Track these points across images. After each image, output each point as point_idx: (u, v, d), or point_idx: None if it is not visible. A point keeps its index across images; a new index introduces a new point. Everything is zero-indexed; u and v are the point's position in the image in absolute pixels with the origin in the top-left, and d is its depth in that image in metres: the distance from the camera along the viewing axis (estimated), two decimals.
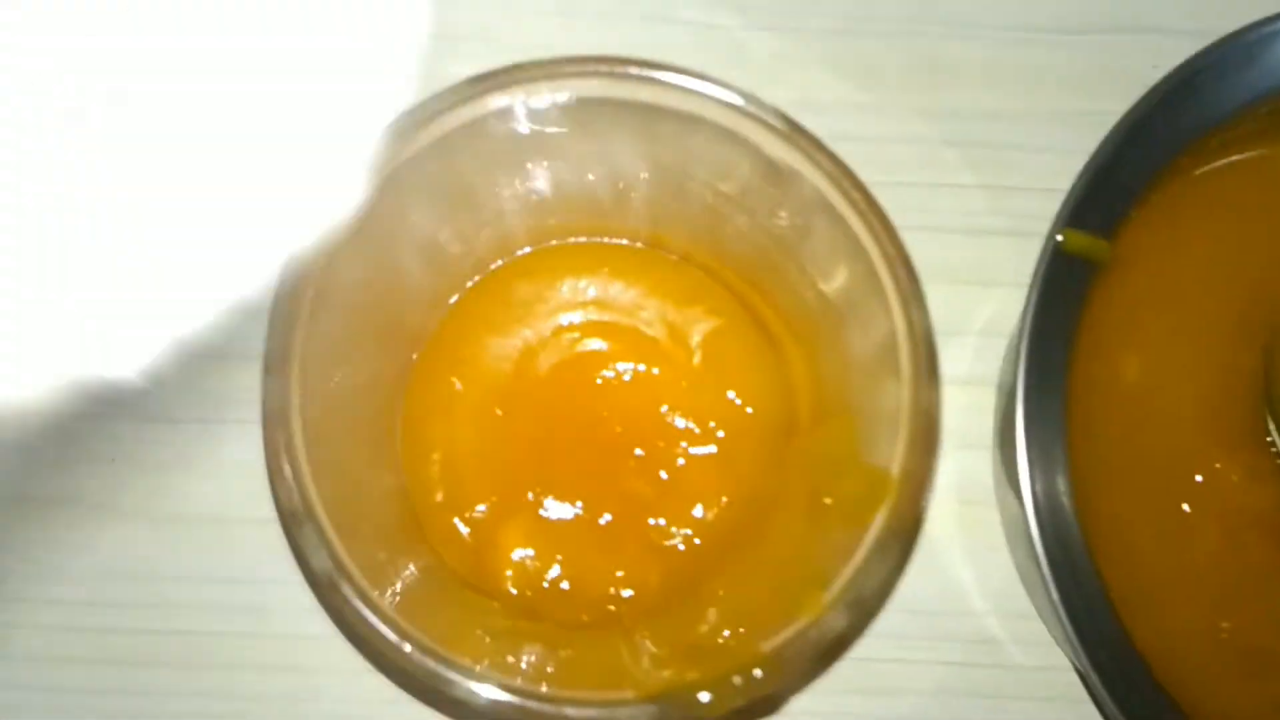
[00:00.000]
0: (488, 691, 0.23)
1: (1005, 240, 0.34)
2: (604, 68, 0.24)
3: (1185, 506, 0.29)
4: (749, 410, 0.30)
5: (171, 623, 0.32)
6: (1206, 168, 0.30)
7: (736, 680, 0.23)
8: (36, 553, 0.32)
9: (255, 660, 0.32)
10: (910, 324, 0.24)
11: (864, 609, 0.23)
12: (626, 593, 0.29)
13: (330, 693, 0.32)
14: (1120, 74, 0.35)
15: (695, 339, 0.30)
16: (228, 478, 0.33)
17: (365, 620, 0.23)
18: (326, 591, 0.23)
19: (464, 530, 0.30)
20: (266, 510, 0.31)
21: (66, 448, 0.33)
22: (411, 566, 0.27)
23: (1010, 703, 0.32)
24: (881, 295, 0.24)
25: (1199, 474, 0.29)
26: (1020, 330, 0.28)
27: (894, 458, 0.24)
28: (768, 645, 0.23)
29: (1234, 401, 0.30)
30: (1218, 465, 0.30)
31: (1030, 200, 0.34)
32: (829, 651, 0.30)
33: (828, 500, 0.26)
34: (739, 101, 0.24)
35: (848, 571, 0.23)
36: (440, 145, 0.25)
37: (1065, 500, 0.27)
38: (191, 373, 0.33)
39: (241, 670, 0.32)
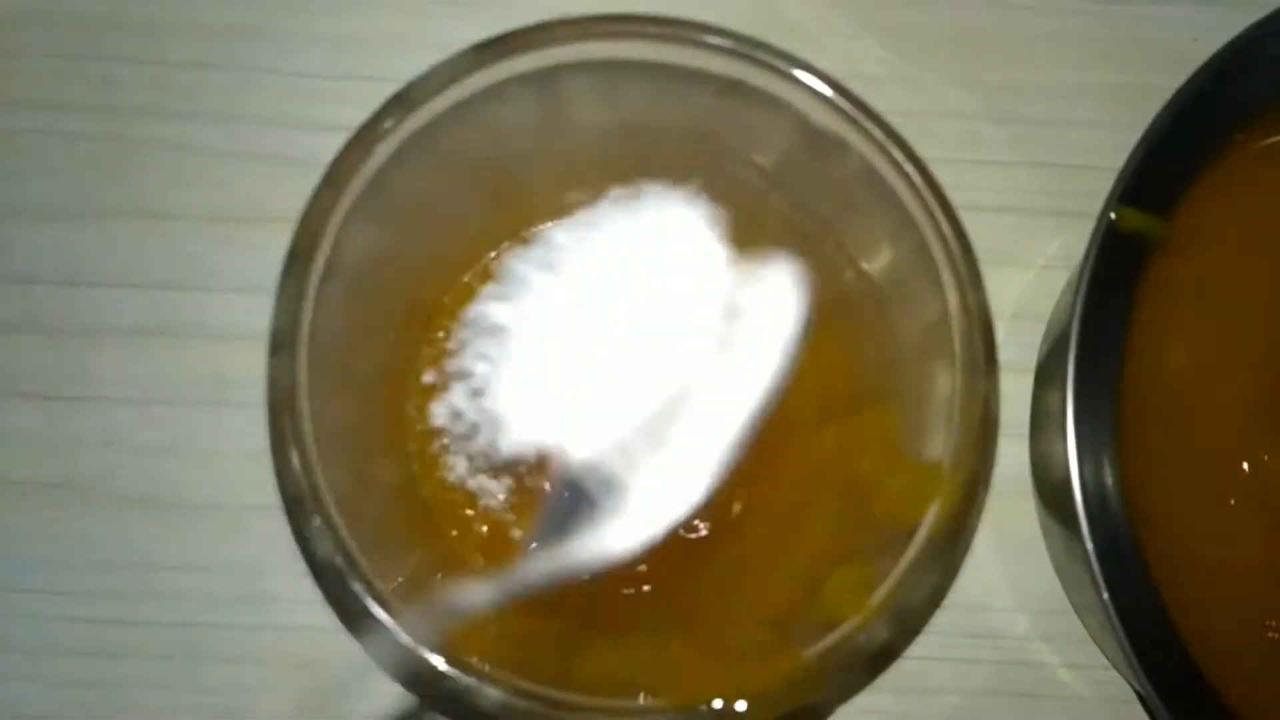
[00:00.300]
0: (501, 697, 0.21)
1: (1038, 220, 0.33)
2: (631, 28, 0.22)
3: (1231, 500, 0.28)
4: (779, 395, 0.28)
5: (169, 614, 0.31)
6: (1264, 142, 0.28)
7: (777, 690, 0.21)
8: (30, 541, 0.31)
9: (256, 653, 0.31)
10: (966, 306, 0.22)
11: (913, 615, 0.21)
12: (648, 587, 0.28)
13: (336, 688, 0.30)
14: (1160, 46, 0.34)
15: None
16: (228, 463, 0.32)
17: (373, 616, 0.22)
18: (333, 585, 0.22)
19: (477, 520, 0.28)
20: (268, 497, 0.30)
21: (60, 431, 0.32)
22: (423, 558, 0.26)
23: (1047, 703, 0.31)
24: (933, 275, 0.22)
25: (1246, 464, 0.28)
26: (1069, 314, 0.27)
27: (946, 451, 0.22)
28: (809, 651, 0.21)
29: None
30: (1266, 457, 0.28)
31: (1068, 178, 0.33)
32: (874, 661, 0.29)
33: (869, 495, 0.25)
34: (782, 65, 0.23)
35: (896, 574, 0.21)
36: (455, 113, 0.23)
37: (1114, 493, 0.26)
38: (190, 353, 0.32)
39: (242, 664, 0.31)
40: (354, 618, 0.23)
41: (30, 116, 0.33)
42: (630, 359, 0.29)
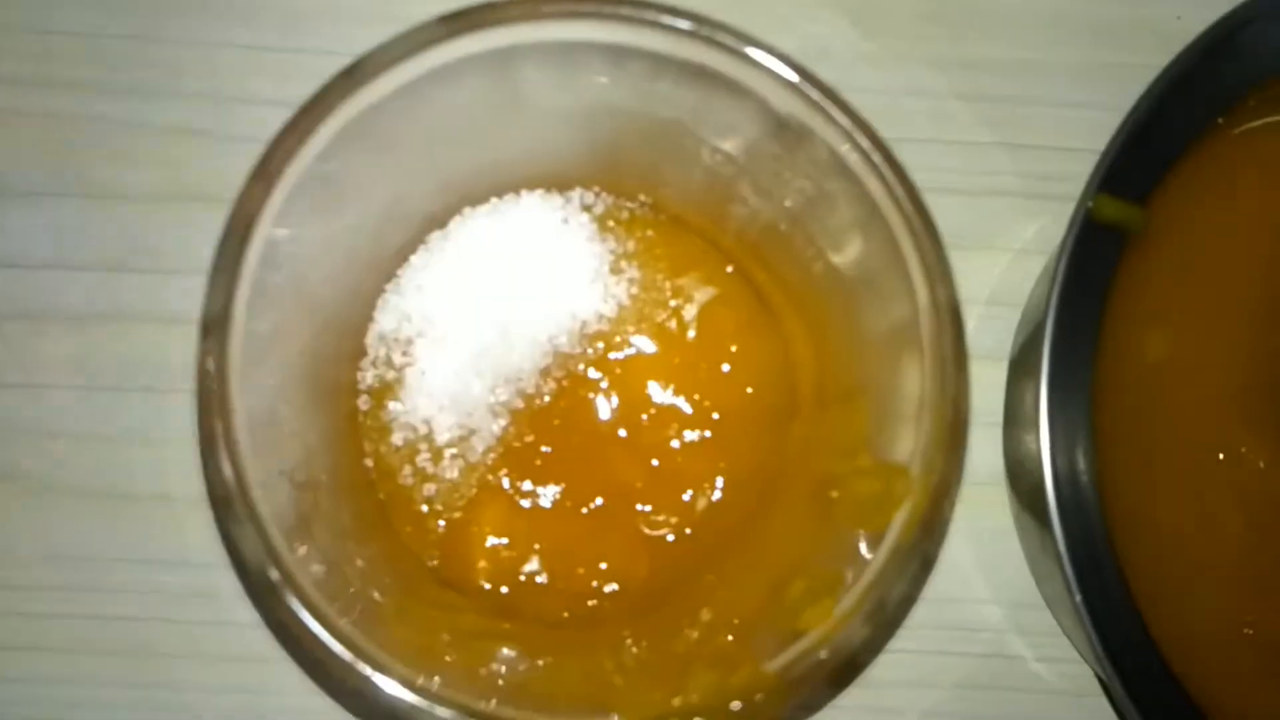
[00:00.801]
0: (451, 717, 0.20)
1: (1013, 202, 0.33)
2: (591, 7, 0.21)
3: (1209, 493, 0.28)
4: (747, 390, 0.28)
5: (116, 608, 0.30)
6: (1245, 127, 0.28)
7: (736, 706, 0.20)
8: None
9: (205, 650, 0.30)
10: (936, 304, 0.21)
11: (880, 626, 0.20)
12: (611, 586, 0.27)
13: (287, 685, 0.30)
14: (1141, 24, 0.33)
15: (689, 310, 0.28)
16: (176, 453, 0.30)
17: (308, 630, 0.20)
18: (265, 597, 0.21)
19: (432, 516, 0.27)
20: None
21: (3, 419, 0.31)
22: (373, 560, 0.25)
23: (1019, 697, 0.31)
24: (902, 269, 0.22)
25: (1223, 456, 0.28)
26: (1045, 303, 0.26)
27: (915, 452, 0.21)
28: (771, 664, 0.21)
29: (1263, 383, 0.28)
30: (1243, 449, 0.28)
31: (1045, 160, 0.33)
32: (840, 673, 0.28)
33: (835, 495, 0.24)
34: (744, 48, 0.22)
35: (863, 582, 0.21)
36: (405, 92, 0.22)
37: (1087, 485, 0.26)
38: (137, 338, 0.31)
39: (191, 660, 0.30)
40: (289, 635, 0.22)
41: None
42: (563, 351, 0.28)
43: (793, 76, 0.21)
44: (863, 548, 0.22)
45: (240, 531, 0.21)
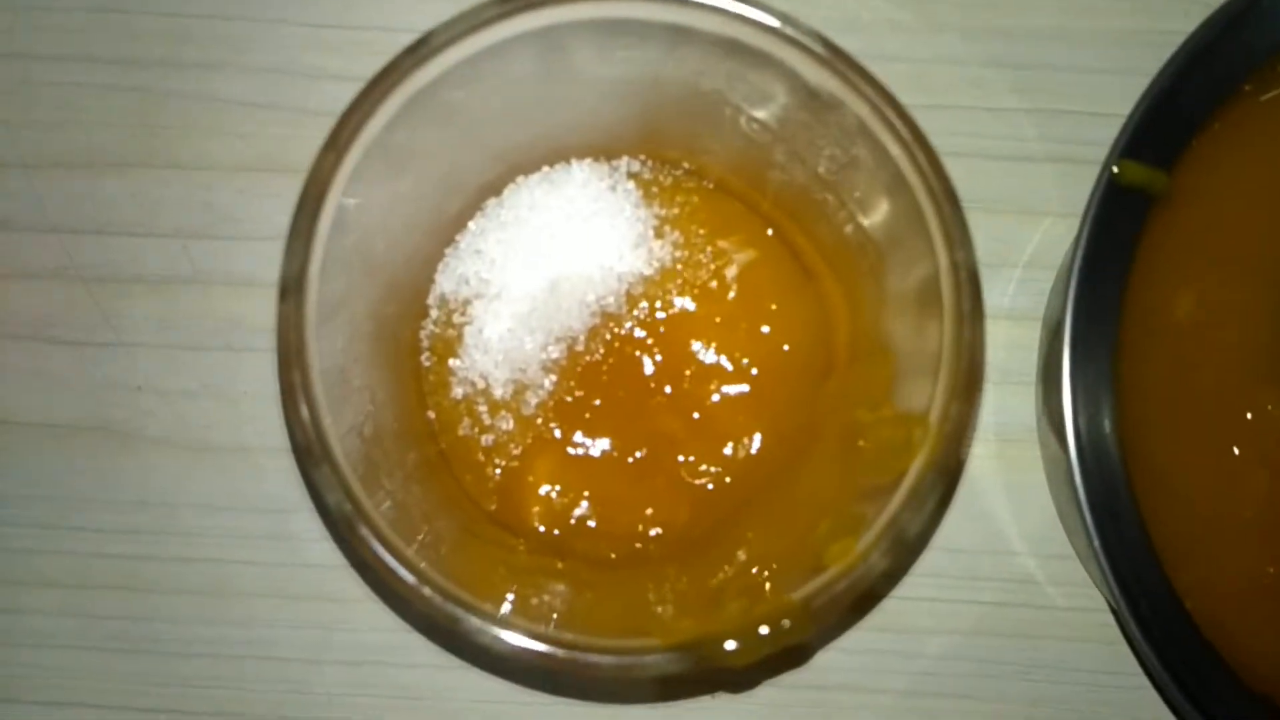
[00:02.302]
0: (509, 637, 0.22)
1: (1052, 167, 0.33)
2: None
3: (1234, 449, 0.28)
4: (784, 347, 0.29)
5: (197, 551, 0.32)
6: (1271, 93, 0.28)
7: (764, 630, 0.22)
8: (62, 480, 0.32)
9: (280, 589, 0.32)
10: (954, 264, 0.22)
11: (897, 560, 0.22)
12: (654, 531, 0.28)
13: (357, 622, 0.32)
14: None
15: (730, 271, 0.29)
16: (253, 406, 0.32)
17: (383, 562, 0.22)
18: (343, 532, 0.23)
19: (490, 465, 0.29)
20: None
21: (92, 375, 0.33)
22: (436, 503, 0.26)
23: (1045, 643, 0.32)
24: (925, 232, 0.23)
25: (1250, 414, 0.28)
26: (1070, 265, 0.27)
27: (933, 402, 0.23)
28: (797, 594, 0.22)
29: None
30: (1269, 407, 0.28)
31: (1079, 125, 0.33)
32: (859, 603, 0.30)
33: (862, 443, 0.25)
34: (776, 24, 0.23)
35: (881, 521, 0.22)
36: (464, 67, 0.24)
37: (1110, 442, 0.27)
38: (215, 300, 0.33)
39: (267, 599, 0.32)
40: (366, 566, 0.24)
41: (62, 69, 0.33)
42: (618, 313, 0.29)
43: (821, 50, 0.23)
44: (885, 490, 0.23)
45: (320, 474, 0.23)
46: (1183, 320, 0.28)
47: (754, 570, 0.25)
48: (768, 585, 0.24)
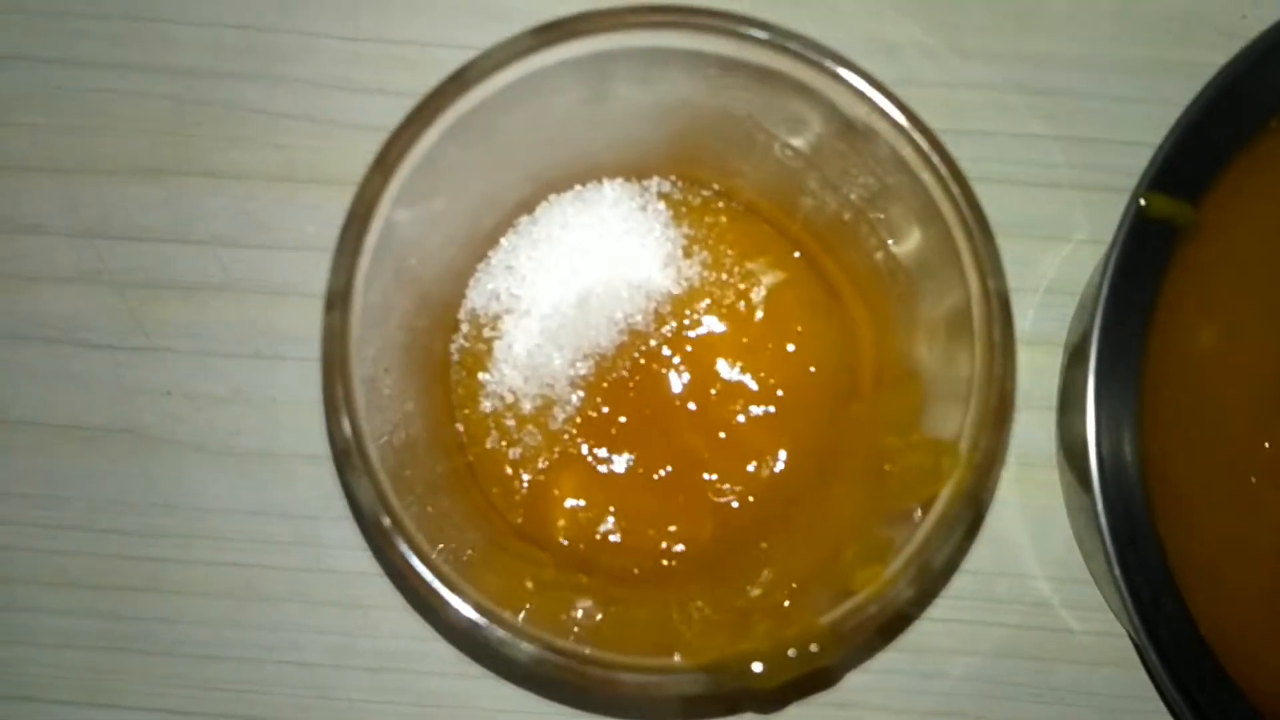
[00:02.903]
0: (535, 650, 0.23)
1: (1075, 194, 0.33)
2: (673, 18, 0.23)
3: (1253, 478, 0.28)
4: (810, 369, 0.29)
5: (224, 555, 0.32)
6: None
7: (792, 652, 0.22)
8: (89, 482, 0.32)
9: (307, 595, 0.32)
10: (986, 294, 0.23)
11: (926, 586, 0.22)
12: (679, 548, 0.29)
13: (382, 629, 0.32)
14: (1206, 21, 0.34)
15: (757, 293, 0.29)
16: (281, 414, 0.33)
17: (416, 572, 0.23)
18: (378, 540, 0.23)
19: (516, 478, 0.29)
20: (319, 447, 0.32)
21: (125, 380, 0.33)
22: (463, 514, 0.27)
23: (1062, 667, 0.32)
24: (957, 262, 0.23)
25: (1269, 444, 0.28)
26: (1095, 294, 0.27)
27: (963, 431, 0.23)
28: (826, 618, 0.23)
29: None
30: None
31: (1102, 152, 0.33)
32: (888, 627, 0.30)
33: (889, 468, 0.25)
34: (814, 56, 0.23)
35: (911, 547, 0.22)
36: (504, 93, 0.24)
37: (1131, 469, 0.27)
38: (247, 308, 0.33)
39: (293, 604, 0.32)
40: (398, 574, 0.24)
41: (97, 76, 0.33)
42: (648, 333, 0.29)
43: (858, 82, 0.23)
44: (913, 516, 0.23)
45: (358, 482, 0.23)
46: (1204, 351, 0.29)
47: (780, 591, 0.25)
48: (791, 604, 0.24)
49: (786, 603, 0.24)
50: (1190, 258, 0.28)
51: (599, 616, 0.25)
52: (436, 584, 0.23)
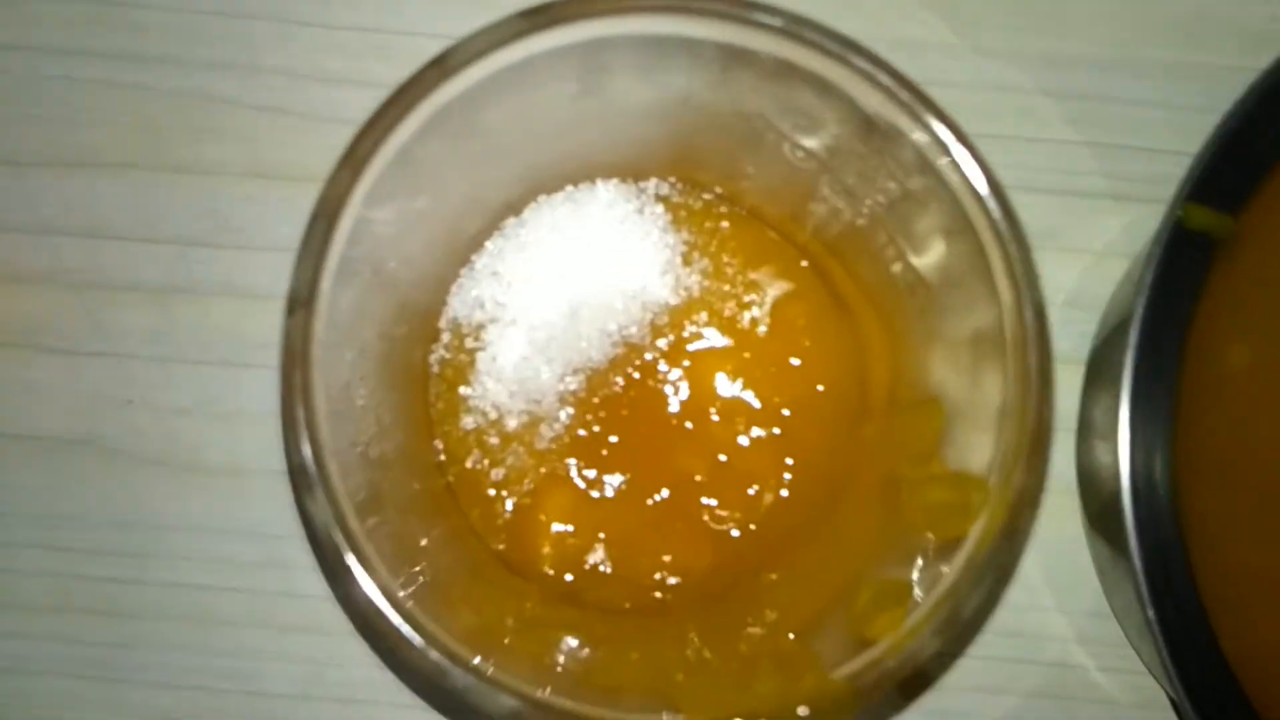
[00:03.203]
0: (510, 702, 0.20)
1: (1093, 203, 0.32)
2: (677, 2, 0.21)
3: None
4: (818, 388, 0.27)
5: (185, 576, 0.31)
6: None
7: (803, 711, 0.20)
8: (43, 496, 0.31)
9: (270, 620, 0.31)
10: (1021, 312, 0.21)
11: (954, 638, 0.20)
12: (674, 579, 0.27)
13: (349, 657, 0.30)
14: (1233, 25, 0.32)
15: (762, 305, 0.28)
16: (250, 426, 0.31)
17: (372, 604, 0.21)
18: (332, 567, 0.21)
19: (499, 501, 0.27)
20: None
21: (82, 387, 0.31)
22: (439, 540, 0.25)
23: (1076, 704, 0.31)
24: (987, 274, 0.21)
25: None
26: (1127, 312, 0.25)
27: (994, 463, 0.21)
28: (840, 671, 0.21)
29: None
30: None
31: (1126, 160, 0.32)
32: (910, 684, 0.28)
33: (907, 501, 0.24)
34: (835, 46, 0.21)
35: (937, 593, 0.20)
36: (489, 83, 0.22)
37: (1163, 500, 0.25)
38: (214, 312, 0.31)
39: (256, 629, 0.31)
40: (354, 606, 0.22)
41: (58, 63, 0.32)
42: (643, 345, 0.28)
43: (884, 77, 0.21)
44: (936, 557, 0.21)
45: (314, 502, 0.21)
46: (1241, 371, 0.27)
47: (785, 631, 0.23)
48: (799, 650, 0.22)
49: (794, 644, 0.22)
50: (1225, 274, 0.26)
51: (586, 657, 0.23)
52: (395, 618, 0.20)
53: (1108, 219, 0.32)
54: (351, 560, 0.21)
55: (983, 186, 0.21)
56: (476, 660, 0.20)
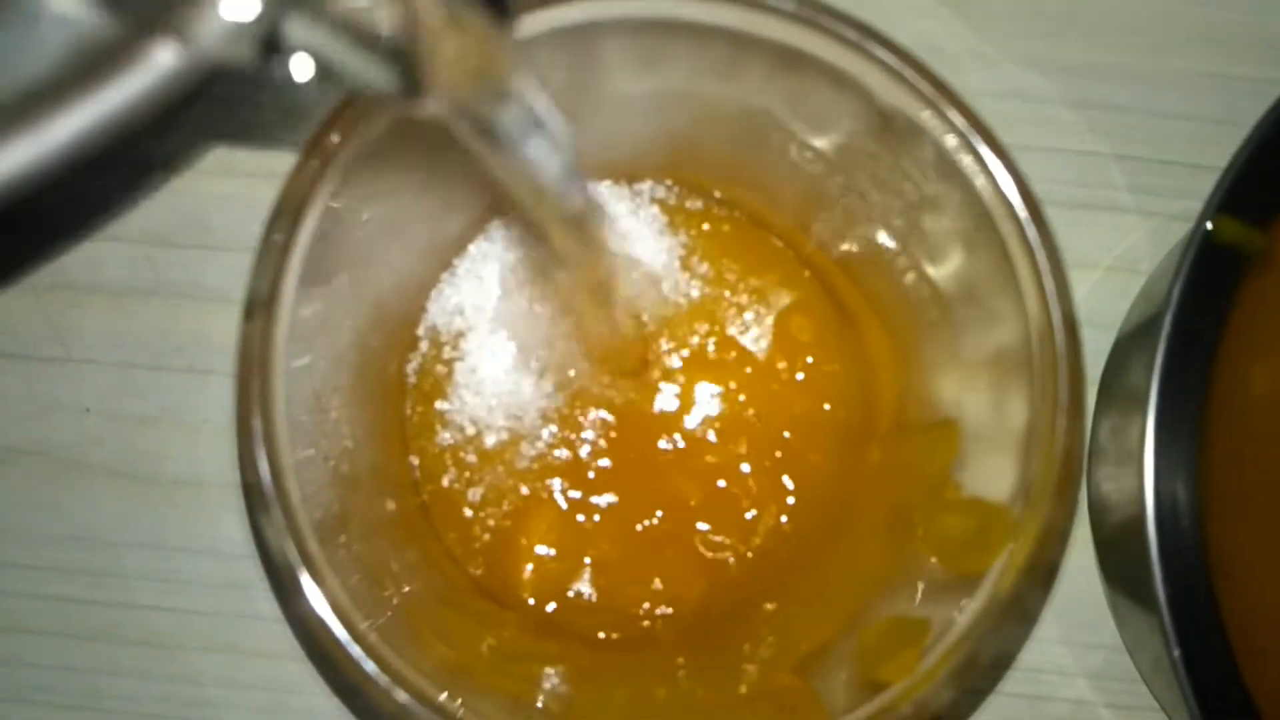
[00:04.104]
0: None
1: (1105, 216, 0.31)
2: None
3: None
4: (822, 406, 0.26)
5: (142, 596, 0.29)
6: None
7: None
8: (2, 510, 0.29)
9: (233, 644, 0.29)
10: (1051, 326, 0.19)
11: (976, 679, 0.18)
12: (664, 609, 0.25)
13: (316, 685, 0.29)
14: (1254, 35, 0.31)
15: (762, 316, 0.26)
16: (214, 437, 0.30)
17: (331, 634, 0.19)
18: (289, 593, 0.19)
19: (477, 523, 0.26)
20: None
21: (35, 393, 0.30)
22: (411, 565, 0.23)
23: None
24: (1013, 286, 0.20)
25: None
26: (1150, 331, 0.24)
27: (1018, 492, 0.19)
28: (848, 718, 0.19)
29: None
30: None
31: (1141, 172, 0.31)
32: None
33: (920, 531, 0.22)
34: (851, 34, 0.20)
35: (955, 633, 0.19)
36: None
37: (1188, 531, 0.24)
38: (180, 316, 0.30)
39: (217, 654, 0.29)
40: (312, 638, 0.20)
41: None
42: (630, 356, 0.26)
43: (906, 69, 0.19)
44: (950, 593, 0.20)
45: (269, 523, 0.19)
46: (1266, 395, 0.26)
47: (784, 669, 0.21)
48: (800, 692, 0.20)
49: (794, 684, 0.21)
50: (1251, 291, 0.25)
51: (567, 694, 0.21)
52: (356, 652, 0.19)
53: (1118, 233, 0.31)
54: (308, 586, 0.19)
55: (1011, 191, 0.19)
56: (444, 698, 0.19)
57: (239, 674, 0.29)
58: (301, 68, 0.15)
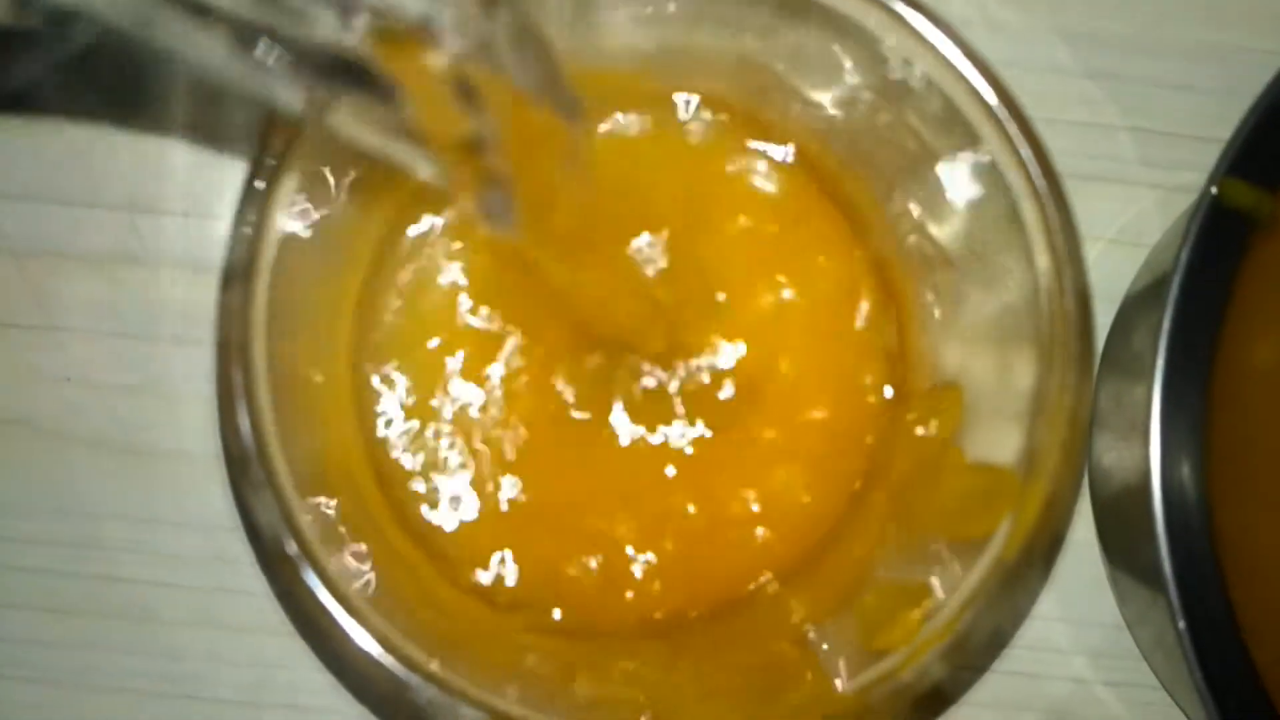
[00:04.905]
0: (475, 715, 0.18)
1: (1108, 187, 0.30)
2: None
3: None
4: (825, 381, 0.25)
5: (124, 569, 0.29)
6: None
7: None
8: None
9: (218, 619, 0.29)
10: (1061, 286, 0.19)
11: (977, 650, 0.18)
12: (673, 598, 0.24)
13: (302, 661, 0.28)
14: (1259, 6, 0.31)
15: (759, 287, 0.26)
16: (200, 408, 0.29)
17: (322, 608, 0.18)
18: (277, 567, 0.19)
19: (466, 517, 0.25)
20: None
21: (15, 362, 0.29)
22: (393, 557, 0.23)
23: None
24: (1022, 245, 0.19)
25: None
26: (1154, 299, 0.24)
27: (1024, 456, 0.19)
28: (849, 684, 0.18)
29: None
30: None
31: (1143, 143, 0.30)
32: (926, 701, 0.26)
33: (922, 495, 0.21)
34: None
35: (956, 600, 0.18)
36: None
37: (1195, 505, 0.23)
38: (164, 284, 0.30)
39: (202, 629, 0.29)
40: (303, 612, 0.20)
41: None
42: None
43: (915, 18, 0.19)
44: (952, 559, 0.19)
45: (256, 496, 0.19)
46: (1268, 364, 0.25)
47: (784, 640, 0.21)
48: (802, 658, 0.20)
49: (795, 650, 0.20)
50: (1264, 256, 0.24)
51: (567, 674, 0.21)
52: (348, 623, 0.18)
53: (1121, 205, 0.30)
54: (299, 560, 0.19)
55: (1022, 145, 0.19)
56: (436, 666, 0.18)
57: (223, 649, 0.29)
58: None
